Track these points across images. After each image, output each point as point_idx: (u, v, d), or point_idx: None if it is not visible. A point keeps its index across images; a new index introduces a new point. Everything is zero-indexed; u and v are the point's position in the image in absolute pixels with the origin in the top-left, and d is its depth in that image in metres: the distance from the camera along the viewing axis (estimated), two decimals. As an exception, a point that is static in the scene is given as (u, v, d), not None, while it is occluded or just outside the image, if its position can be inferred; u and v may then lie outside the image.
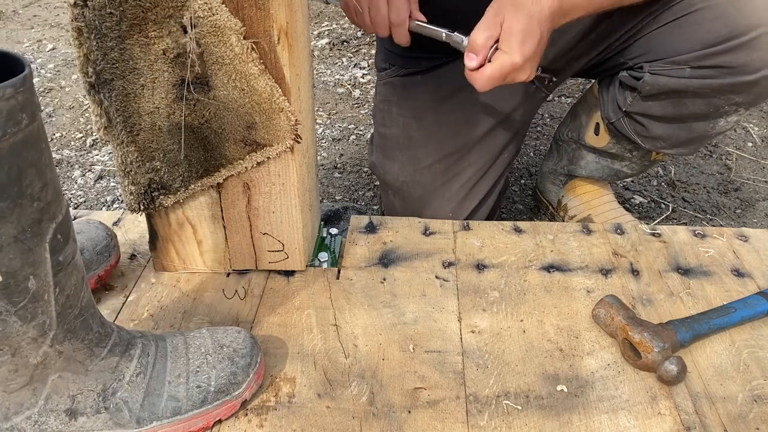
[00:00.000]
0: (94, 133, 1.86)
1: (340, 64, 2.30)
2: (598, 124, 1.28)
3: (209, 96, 0.82)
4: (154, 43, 0.77)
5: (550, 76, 1.03)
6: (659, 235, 1.10)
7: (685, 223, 1.51)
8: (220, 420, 0.76)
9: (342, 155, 1.78)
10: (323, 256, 1.03)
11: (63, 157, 1.76)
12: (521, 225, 1.12)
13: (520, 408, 0.79)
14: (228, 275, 1.00)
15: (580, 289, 0.98)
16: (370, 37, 2.47)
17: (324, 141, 1.85)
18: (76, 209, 1.41)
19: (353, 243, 1.07)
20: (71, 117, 1.96)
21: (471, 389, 0.82)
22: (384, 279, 0.99)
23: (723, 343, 0.89)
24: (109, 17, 0.74)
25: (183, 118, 0.84)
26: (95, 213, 1.12)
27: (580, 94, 1.93)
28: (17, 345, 0.63)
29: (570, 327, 0.91)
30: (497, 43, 0.90)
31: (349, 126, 1.92)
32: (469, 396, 0.81)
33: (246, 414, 0.78)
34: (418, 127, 1.21)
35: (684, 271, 1.02)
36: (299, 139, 0.87)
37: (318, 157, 1.75)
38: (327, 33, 2.52)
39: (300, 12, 0.85)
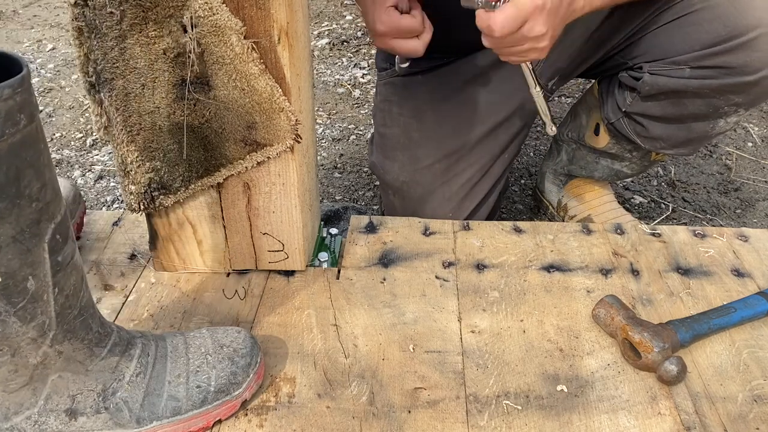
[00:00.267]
0: (94, 133, 1.85)
1: (340, 64, 2.30)
2: (598, 124, 1.28)
3: (209, 96, 0.82)
4: (154, 43, 0.77)
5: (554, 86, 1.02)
6: (659, 235, 1.10)
7: (685, 223, 1.51)
8: (220, 420, 0.76)
9: (342, 155, 1.78)
10: (323, 256, 1.03)
11: (63, 157, 1.76)
12: (521, 225, 1.12)
13: (520, 408, 0.79)
14: (228, 275, 1.00)
15: (580, 289, 0.98)
16: (370, 37, 2.47)
17: (324, 141, 1.85)
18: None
19: (353, 243, 1.07)
20: (71, 117, 1.96)
21: (471, 389, 0.82)
22: (384, 279, 0.99)
23: (723, 343, 0.89)
24: (110, 17, 0.74)
25: (184, 117, 0.84)
26: (95, 213, 1.12)
27: (580, 94, 1.93)
28: (17, 345, 0.63)
29: (570, 327, 0.91)
30: None
31: (349, 126, 1.92)
32: (469, 396, 0.81)
33: (246, 414, 0.78)
34: (418, 127, 1.21)
35: (684, 271, 1.02)
36: (299, 139, 0.87)
37: (318, 157, 1.75)
38: (327, 33, 2.52)
39: (300, 12, 0.85)
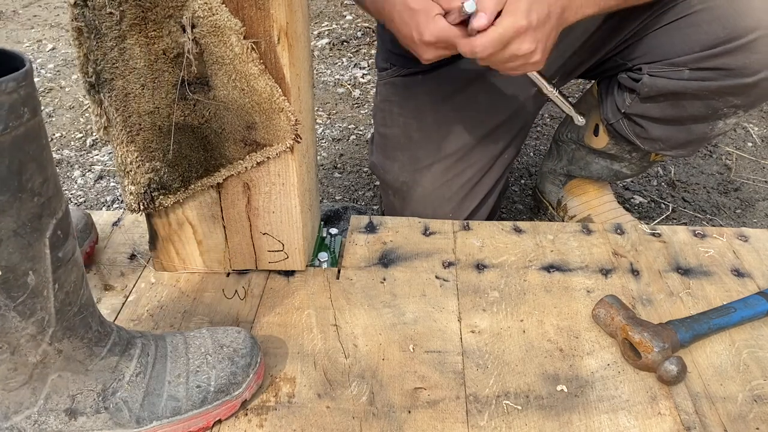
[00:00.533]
0: (94, 133, 1.86)
1: (340, 64, 2.30)
2: (597, 125, 1.28)
3: (209, 96, 0.82)
4: (154, 43, 0.77)
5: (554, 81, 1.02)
6: (659, 235, 1.10)
7: (685, 223, 1.51)
8: (220, 420, 0.76)
9: (342, 155, 1.78)
10: (323, 256, 1.03)
11: (63, 157, 1.76)
12: (521, 225, 1.12)
13: (520, 408, 0.79)
14: (228, 275, 1.00)
15: (580, 289, 0.98)
16: (370, 37, 2.47)
17: (324, 141, 1.85)
18: (76, 209, 1.40)
19: (353, 243, 1.07)
20: (71, 117, 1.96)
21: (471, 389, 0.82)
22: (384, 279, 0.99)
23: (723, 343, 0.89)
24: (109, 17, 0.74)
25: (183, 118, 0.84)
26: (95, 213, 1.12)
27: (580, 94, 1.93)
28: (16, 342, 0.63)
29: (570, 327, 0.91)
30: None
31: (349, 126, 1.92)
32: (469, 396, 0.81)
33: (246, 414, 0.78)
34: (418, 127, 1.21)
35: (684, 271, 1.02)
36: (299, 139, 0.87)
37: (318, 157, 1.75)
38: (327, 33, 2.52)
39: (300, 12, 0.85)
